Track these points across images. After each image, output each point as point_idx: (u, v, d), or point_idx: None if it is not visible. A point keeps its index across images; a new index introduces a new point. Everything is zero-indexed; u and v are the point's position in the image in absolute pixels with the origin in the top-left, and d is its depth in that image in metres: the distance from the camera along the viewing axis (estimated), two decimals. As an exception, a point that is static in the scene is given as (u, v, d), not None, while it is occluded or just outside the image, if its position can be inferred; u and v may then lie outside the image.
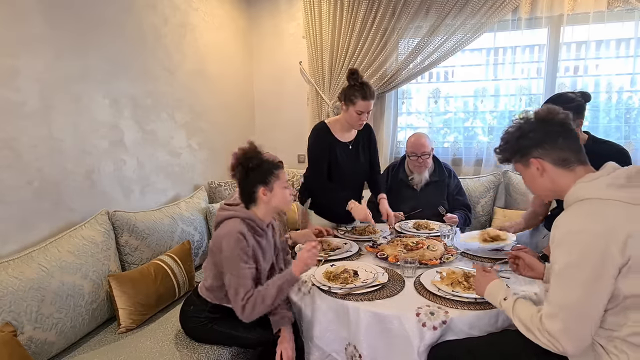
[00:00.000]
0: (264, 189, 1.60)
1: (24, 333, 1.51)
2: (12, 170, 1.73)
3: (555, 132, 1.19)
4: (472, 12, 2.81)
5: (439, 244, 1.97)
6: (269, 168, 1.61)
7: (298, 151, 3.63)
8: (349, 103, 2.11)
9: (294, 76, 3.50)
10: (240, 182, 1.62)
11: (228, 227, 1.57)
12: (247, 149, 1.62)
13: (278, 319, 1.68)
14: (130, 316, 1.84)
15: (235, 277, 1.53)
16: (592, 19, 2.66)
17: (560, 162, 1.19)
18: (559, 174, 1.19)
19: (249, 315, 1.54)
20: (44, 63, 1.85)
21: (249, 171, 1.59)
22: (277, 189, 1.62)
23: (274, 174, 1.62)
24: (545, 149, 1.19)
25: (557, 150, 1.18)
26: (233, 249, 1.53)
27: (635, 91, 2.72)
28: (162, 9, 2.56)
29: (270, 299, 1.53)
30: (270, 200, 1.62)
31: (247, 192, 1.62)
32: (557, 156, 1.19)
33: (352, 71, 2.11)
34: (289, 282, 1.57)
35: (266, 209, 1.65)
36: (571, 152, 1.19)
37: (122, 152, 2.29)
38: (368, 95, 2.08)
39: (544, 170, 1.21)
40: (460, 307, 1.44)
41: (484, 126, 3.12)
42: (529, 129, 1.22)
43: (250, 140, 1.64)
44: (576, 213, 1.12)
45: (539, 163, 1.21)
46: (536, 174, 1.23)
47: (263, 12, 3.51)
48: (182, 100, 2.76)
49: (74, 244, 1.82)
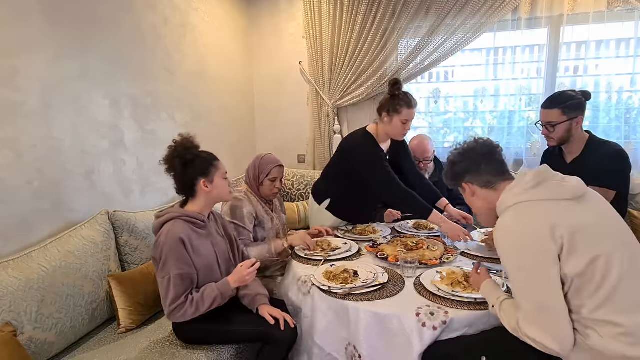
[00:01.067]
0: (205, 181, 1.62)
1: (24, 333, 1.51)
2: (12, 170, 1.73)
3: (476, 161, 1.38)
4: (472, 12, 2.81)
5: (439, 244, 1.97)
6: (208, 159, 1.64)
7: (298, 151, 3.63)
8: (393, 113, 2.13)
9: (294, 76, 3.50)
10: (179, 175, 1.62)
11: (166, 231, 1.56)
12: (183, 140, 1.63)
13: (250, 301, 1.70)
14: (130, 316, 1.84)
15: (167, 281, 1.52)
16: (592, 19, 2.66)
17: (485, 184, 1.37)
18: (487, 194, 1.38)
19: (178, 320, 1.56)
20: (44, 63, 1.85)
21: (187, 163, 1.60)
22: (217, 180, 1.64)
23: (213, 165, 1.64)
24: (472, 175, 1.39)
25: (482, 174, 1.37)
26: (168, 253, 1.52)
27: (635, 91, 2.72)
28: (162, 9, 2.56)
29: (204, 309, 1.55)
30: (211, 191, 1.64)
31: (186, 184, 1.63)
32: (482, 180, 1.37)
33: (395, 81, 2.15)
34: (224, 294, 1.59)
35: (206, 200, 1.66)
36: (493, 175, 1.36)
37: (122, 152, 2.29)
38: (413, 104, 2.13)
39: (474, 192, 1.40)
40: (461, 307, 1.44)
41: (484, 126, 3.12)
42: (456, 160, 1.43)
43: (185, 133, 1.66)
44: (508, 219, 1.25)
45: (469, 187, 1.41)
46: (470, 197, 1.43)
47: (263, 12, 3.51)
48: (182, 100, 2.76)
49: (74, 244, 1.82)
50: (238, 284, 1.62)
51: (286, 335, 1.62)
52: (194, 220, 1.62)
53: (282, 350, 1.63)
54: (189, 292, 1.56)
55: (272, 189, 2.12)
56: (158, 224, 1.62)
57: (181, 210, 1.63)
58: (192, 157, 1.61)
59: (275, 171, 2.10)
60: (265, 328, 1.62)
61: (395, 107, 2.12)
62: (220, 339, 1.69)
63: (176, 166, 1.61)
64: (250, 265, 1.61)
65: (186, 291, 1.54)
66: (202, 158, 1.63)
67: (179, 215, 1.60)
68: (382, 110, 2.18)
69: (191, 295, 1.55)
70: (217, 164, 1.66)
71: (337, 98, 3.27)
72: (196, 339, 1.68)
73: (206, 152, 1.68)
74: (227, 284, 1.60)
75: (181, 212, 1.62)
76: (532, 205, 1.22)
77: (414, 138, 2.70)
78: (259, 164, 2.11)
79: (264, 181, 2.09)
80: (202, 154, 1.65)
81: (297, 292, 1.73)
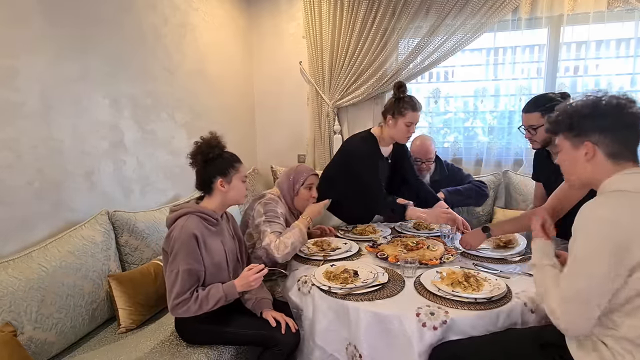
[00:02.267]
0: (222, 181, 1.64)
1: (24, 333, 1.51)
2: (12, 171, 1.73)
3: (623, 124, 1.12)
4: (472, 12, 2.81)
5: (439, 244, 1.97)
6: (229, 160, 1.66)
7: (298, 151, 3.63)
8: (398, 115, 2.15)
9: (294, 76, 3.50)
10: (199, 171, 1.66)
11: (180, 225, 1.57)
12: (209, 138, 1.66)
13: (254, 304, 1.71)
14: (130, 316, 1.84)
15: (174, 275, 1.53)
16: (592, 19, 2.66)
17: (612, 155, 1.12)
18: (604, 166, 1.13)
19: (180, 315, 1.56)
20: (44, 63, 1.85)
21: (208, 161, 1.63)
22: (235, 181, 1.66)
23: (233, 167, 1.66)
24: (606, 137, 1.12)
25: (617, 142, 1.12)
26: (180, 247, 1.53)
27: (635, 91, 2.72)
28: (162, 9, 2.56)
29: (207, 308, 1.55)
30: (227, 192, 1.65)
31: (205, 181, 1.65)
32: (613, 148, 1.12)
33: (400, 84, 2.17)
34: (228, 296, 1.59)
35: (222, 200, 1.67)
36: (626, 149, 1.13)
37: (122, 152, 2.29)
38: (417, 107, 2.15)
39: (593, 157, 1.14)
40: (461, 307, 1.44)
41: (484, 126, 3.12)
42: (597, 113, 1.13)
43: (213, 131, 1.68)
44: (607, 202, 1.08)
45: (592, 149, 1.13)
46: (582, 157, 1.16)
47: (263, 12, 3.51)
48: (182, 100, 2.76)
49: (74, 244, 1.82)
50: (244, 289, 1.62)
51: (288, 340, 1.63)
52: (207, 217, 1.64)
53: (283, 354, 1.63)
54: (195, 288, 1.56)
55: (308, 197, 2.12)
56: (172, 218, 1.63)
57: (196, 206, 1.65)
58: (213, 156, 1.64)
59: (311, 179, 2.13)
60: (267, 332, 1.63)
61: (400, 110, 2.14)
62: (223, 340, 1.69)
63: (198, 162, 1.65)
64: (258, 271, 1.61)
65: (192, 287, 1.55)
66: (223, 158, 1.66)
67: (193, 210, 1.62)
68: (387, 113, 2.20)
69: (196, 292, 1.55)
70: (238, 167, 1.68)
71: (337, 98, 3.27)
72: (198, 339, 1.68)
73: (229, 153, 1.70)
74: (233, 287, 1.60)
75: (196, 208, 1.63)
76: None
77: (416, 138, 2.69)
78: (293, 175, 2.13)
79: (299, 190, 2.10)
80: (224, 154, 1.67)
81: (297, 291, 1.73)
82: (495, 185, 2.96)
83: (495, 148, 3.05)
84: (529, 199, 2.77)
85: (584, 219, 1.08)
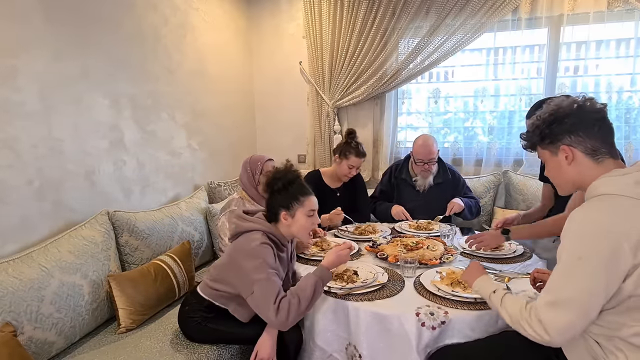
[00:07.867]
0: (285, 214, 1.59)
1: (24, 333, 1.51)
2: (13, 170, 1.73)
3: (592, 119, 1.14)
4: (472, 12, 2.81)
5: (439, 244, 1.97)
6: (294, 193, 1.58)
7: (298, 151, 3.63)
8: (342, 157, 2.46)
9: (294, 76, 3.50)
10: (267, 199, 1.62)
11: (252, 239, 1.54)
12: (279, 169, 1.61)
13: None
14: (130, 316, 1.84)
15: (265, 283, 1.45)
16: (592, 19, 2.66)
17: (591, 152, 1.14)
18: (586, 165, 1.15)
19: (284, 322, 1.43)
20: (44, 63, 1.85)
21: (274, 192, 1.59)
22: (299, 215, 1.59)
23: (298, 200, 1.58)
24: (578, 136, 1.14)
25: (591, 139, 1.13)
26: (265, 256, 1.50)
27: (635, 91, 2.72)
28: (162, 9, 2.56)
29: (306, 301, 1.45)
30: (290, 225, 1.60)
31: (271, 211, 1.62)
32: (589, 145, 1.14)
33: (350, 131, 2.49)
34: (323, 279, 1.51)
35: (286, 231, 1.63)
36: (603, 143, 1.14)
37: (122, 152, 2.29)
38: (361, 154, 2.44)
39: (573, 158, 1.16)
40: (460, 307, 1.44)
41: (484, 126, 3.12)
42: (564, 114, 1.16)
43: (287, 160, 1.65)
44: (595, 208, 1.08)
45: (570, 150, 1.16)
46: (564, 162, 1.18)
47: (263, 12, 3.51)
48: (182, 100, 2.76)
49: (74, 244, 1.82)
50: (334, 266, 1.58)
51: (291, 338, 1.64)
52: (276, 241, 1.61)
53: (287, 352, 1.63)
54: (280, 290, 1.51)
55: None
56: (245, 228, 1.59)
57: (269, 226, 1.61)
58: (278, 188, 1.59)
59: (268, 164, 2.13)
60: None
61: (345, 153, 2.44)
62: (227, 339, 1.69)
63: (267, 191, 1.62)
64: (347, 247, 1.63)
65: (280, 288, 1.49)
66: (288, 192, 1.58)
67: (267, 231, 1.58)
68: (336, 152, 2.50)
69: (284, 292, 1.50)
70: (304, 201, 1.59)
71: (337, 98, 3.27)
72: (202, 338, 1.68)
73: (300, 184, 1.62)
74: (323, 269, 1.54)
75: (268, 228, 1.60)
76: (637, 205, 1.04)
77: (418, 138, 2.59)
78: (249, 166, 2.14)
79: (260, 179, 2.09)
80: (290, 187, 1.59)
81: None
82: (495, 185, 2.96)
83: (495, 148, 3.05)
84: (528, 199, 2.78)
85: (573, 224, 1.08)
